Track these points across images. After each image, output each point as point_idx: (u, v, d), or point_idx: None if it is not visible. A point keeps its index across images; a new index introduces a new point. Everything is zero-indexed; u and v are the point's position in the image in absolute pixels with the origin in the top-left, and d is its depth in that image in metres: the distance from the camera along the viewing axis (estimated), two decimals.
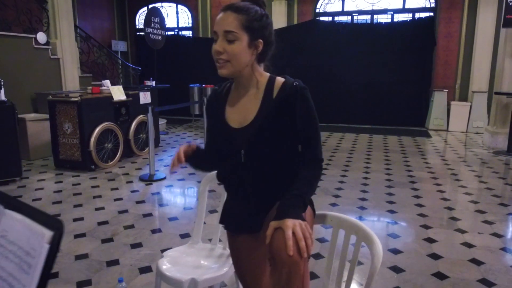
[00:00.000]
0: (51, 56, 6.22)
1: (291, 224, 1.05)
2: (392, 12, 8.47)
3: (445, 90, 8.10)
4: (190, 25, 10.16)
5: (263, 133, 1.26)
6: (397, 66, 8.10)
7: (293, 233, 1.03)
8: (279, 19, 9.01)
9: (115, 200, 3.89)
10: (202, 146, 1.46)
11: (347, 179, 4.60)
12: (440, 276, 2.45)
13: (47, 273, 0.80)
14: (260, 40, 1.26)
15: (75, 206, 3.72)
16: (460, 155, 5.97)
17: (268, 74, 1.35)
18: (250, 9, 1.24)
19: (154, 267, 2.56)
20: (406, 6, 8.41)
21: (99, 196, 3.99)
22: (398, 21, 8.48)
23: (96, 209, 3.63)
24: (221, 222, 1.49)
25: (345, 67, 8.40)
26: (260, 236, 1.41)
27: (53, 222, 0.85)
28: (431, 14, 8.28)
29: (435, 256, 2.70)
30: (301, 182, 1.21)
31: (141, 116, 5.77)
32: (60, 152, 4.95)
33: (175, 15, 10.31)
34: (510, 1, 5.44)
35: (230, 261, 1.84)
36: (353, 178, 4.64)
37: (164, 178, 4.65)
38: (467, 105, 7.96)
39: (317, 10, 9.00)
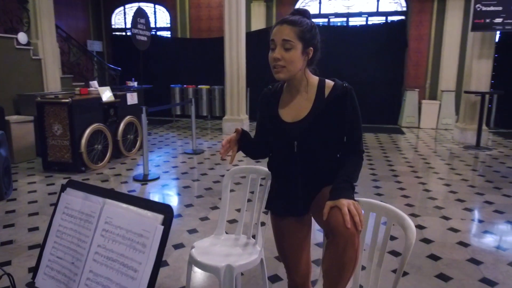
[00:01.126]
0: (33, 57, 6.09)
1: (346, 203, 1.24)
2: (366, 15, 8.86)
3: (416, 89, 8.57)
4: (169, 25, 10.15)
5: (315, 127, 1.44)
6: (371, 67, 8.49)
7: (348, 210, 1.22)
8: (258, 21, 9.20)
9: None
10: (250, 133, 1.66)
11: None
12: (434, 257, 2.72)
13: (162, 250, 0.94)
14: (311, 48, 1.44)
15: None
16: (434, 150, 6.38)
17: (317, 77, 1.52)
18: (302, 22, 1.42)
19: (169, 261, 2.67)
20: (380, 10, 8.82)
21: None
22: (372, 23, 8.89)
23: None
24: (267, 207, 1.65)
25: (322, 68, 8.68)
26: (304, 219, 1.59)
27: (161, 207, 0.99)
28: (403, 17, 8.74)
29: (427, 241, 2.97)
30: (348, 169, 1.40)
31: (128, 117, 5.78)
32: (48, 154, 4.89)
33: (153, 15, 10.26)
34: (478, 7, 5.89)
35: (258, 249, 2.01)
36: None
37: (158, 178, 4.71)
38: (437, 103, 8.47)
39: None
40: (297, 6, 9.30)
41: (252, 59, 7.99)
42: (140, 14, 5.88)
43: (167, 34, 10.24)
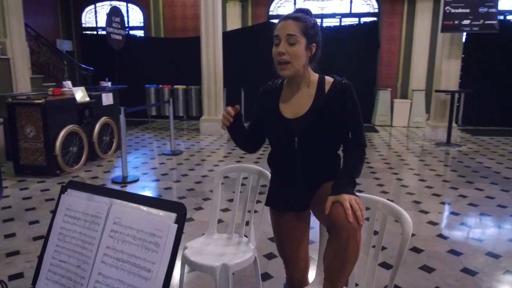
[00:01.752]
0: (1, 56, 5.82)
1: (347, 198, 1.27)
2: (340, 16, 9.04)
3: (388, 89, 8.83)
4: (142, 24, 9.96)
5: (316, 123, 1.46)
6: (345, 67, 8.65)
7: (350, 205, 1.24)
8: (233, 21, 9.19)
9: None
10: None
11: None
12: (416, 250, 2.81)
13: (176, 249, 0.93)
14: (314, 44, 1.46)
15: (52, 211, 3.60)
16: (407, 147, 6.60)
17: (317, 74, 1.54)
18: (306, 19, 1.44)
19: None
20: (353, 11, 9.02)
21: None
22: (345, 25, 9.08)
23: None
24: (267, 204, 1.66)
25: None
26: (303, 214, 1.61)
27: (173, 205, 0.98)
28: (375, 19, 8.97)
29: None
30: (350, 164, 1.43)
31: (104, 117, 5.63)
32: (20, 158, 4.69)
33: (125, 13, 10.04)
34: (448, 9, 6.14)
35: (251, 247, 2.01)
36: None
37: (138, 180, 4.62)
38: (408, 102, 8.75)
39: (270, 13, 9.32)
40: (272, 7, 9.37)
41: (228, 59, 7.97)
42: (115, 12, 5.74)
43: (140, 33, 10.05)
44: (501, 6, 6.54)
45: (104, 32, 9.83)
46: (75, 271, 1.04)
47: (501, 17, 8.19)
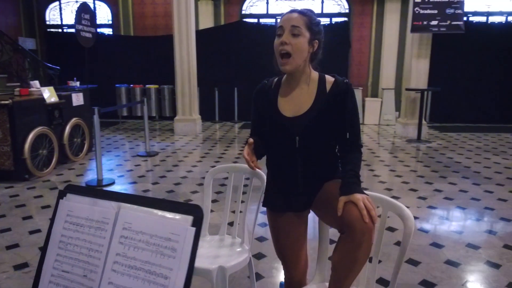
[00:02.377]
0: None
1: (360, 197, 1.26)
2: None
3: (359, 87, 9.02)
4: (110, 22, 9.65)
5: (317, 122, 1.44)
6: (317, 67, 8.78)
7: (364, 205, 1.24)
8: (206, 19, 9.09)
9: None
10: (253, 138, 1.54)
11: None
12: (400, 244, 2.87)
13: (195, 253, 0.88)
14: (316, 41, 1.44)
15: (25, 218, 3.40)
16: (380, 144, 6.77)
17: (317, 72, 1.52)
18: (312, 15, 1.42)
19: None
20: (324, 11, 9.15)
21: (48, 206, 3.70)
22: None
23: (50, 219, 3.38)
24: (265, 205, 1.62)
25: (270, 67, 8.79)
26: (303, 215, 1.59)
27: (189, 208, 0.93)
28: (346, 19, 9.14)
29: (391, 229, 3.14)
30: (352, 163, 1.42)
31: (75, 119, 5.40)
32: None
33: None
34: (417, 10, 6.35)
35: (246, 248, 1.97)
36: None
37: (113, 183, 4.46)
38: (378, 100, 8.99)
39: (243, 12, 9.29)
40: (245, 6, 9.34)
41: (201, 57, 7.87)
42: (84, 9, 5.52)
43: (108, 31, 9.73)
44: (466, 7, 6.82)
45: (71, 30, 9.45)
46: (81, 281, 0.97)
47: (466, 18, 8.55)
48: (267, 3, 9.19)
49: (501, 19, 9.32)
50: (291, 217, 1.56)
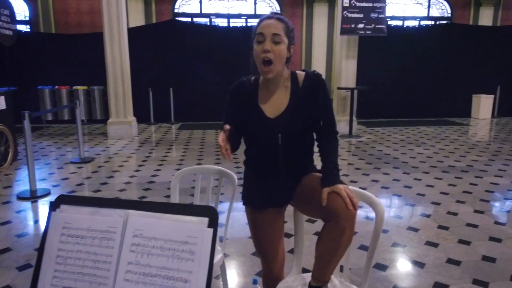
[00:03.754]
0: None
1: (342, 187, 1.37)
2: (245, 17, 9.28)
3: None
4: (28, 18, 8.82)
5: (297, 118, 1.50)
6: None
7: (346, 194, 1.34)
8: (136, 18, 8.76)
9: (2, 224, 3.31)
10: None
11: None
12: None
13: (213, 254, 0.90)
14: (293, 46, 1.50)
15: None
16: None
17: (288, 70, 1.58)
18: (286, 20, 1.48)
19: None
20: (257, 12, 9.35)
21: None
22: (251, 25, 9.34)
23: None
24: (245, 203, 1.64)
25: (206, 67, 8.76)
26: (282, 209, 1.65)
27: (203, 210, 0.94)
28: None
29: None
30: (331, 154, 1.52)
31: None
32: None
33: None
34: (345, 14, 6.78)
35: (218, 248, 1.98)
36: None
37: (49, 193, 4.12)
38: None
39: (176, 10, 9.10)
40: (177, 4, 9.17)
41: (134, 57, 7.55)
42: (3, 4, 4.99)
43: (25, 28, 8.89)
44: (387, 12, 7.45)
45: None
46: None
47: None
48: (201, 2, 9.13)
49: (415, 23, 10.36)
50: (271, 213, 1.61)
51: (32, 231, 3.18)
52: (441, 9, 10.79)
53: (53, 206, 1.01)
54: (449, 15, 10.74)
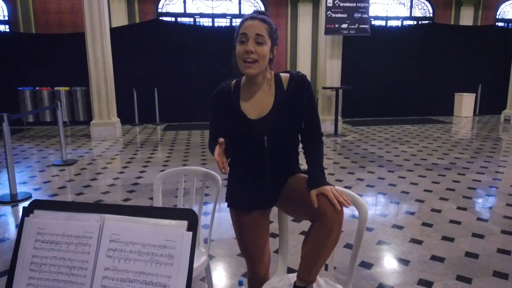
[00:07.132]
0: None
1: (329, 189, 1.37)
2: (230, 17, 9.24)
3: None
4: (6, 18, 8.61)
5: (282, 120, 1.49)
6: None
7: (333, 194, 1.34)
8: (118, 17, 8.65)
9: None
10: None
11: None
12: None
13: (193, 258, 0.88)
14: (276, 47, 1.48)
15: None
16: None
17: (272, 72, 1.56)
18: (271, 22, 1.46)
19: None
20: (242, 12, 9.32)
21: None
22: (236, 25, 9.31)
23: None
24: (230, 205, 1.62)
25: (190, 67, 8.69)
26: (267, 211, 1.64)
27: (182, 213, 0.92)
28: None
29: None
30: (316, 155, 1.51)
31: None
32: None
33: None
34: (329, 14, 6.81)
35: (202, 250, 1.96)
36: None
37: (30, 197, 4.03)
38: None
39: (159, 10, 9.01)
40: (161, 4, 9.07)
41: (117, 57, 7.44)
42: None
43: (5, 28, 8.67)
44: (371, 12, 7.52)
45: None
46: None
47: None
48: (185, 2, 9.05)
49: (397, 23, 10.48)
50: (256, 215, 1.59)
51: (12, 236, 3.10)
52: (423, 9, 10.96)
53: (27, 211, 0.97)
54: (431, 15, 10.91)
